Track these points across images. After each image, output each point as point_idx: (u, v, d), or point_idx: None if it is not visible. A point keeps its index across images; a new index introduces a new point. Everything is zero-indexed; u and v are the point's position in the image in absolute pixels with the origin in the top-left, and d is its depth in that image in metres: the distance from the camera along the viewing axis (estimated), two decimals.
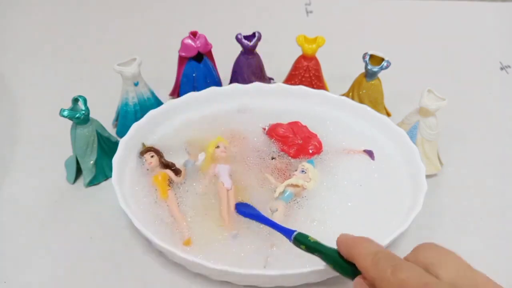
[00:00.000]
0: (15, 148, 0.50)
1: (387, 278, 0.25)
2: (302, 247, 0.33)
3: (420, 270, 0.25)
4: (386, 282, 0.25)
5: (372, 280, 0.27)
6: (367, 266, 0.27)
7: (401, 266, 0.26)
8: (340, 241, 0.30)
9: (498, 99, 0.60)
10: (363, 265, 0.28)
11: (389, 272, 0.25)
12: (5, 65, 0.63)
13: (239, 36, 0.51)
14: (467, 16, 0.77)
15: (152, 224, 0.39)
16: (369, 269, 0.27)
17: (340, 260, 0.30)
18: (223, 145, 0.44)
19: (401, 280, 0.25)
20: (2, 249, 0.40)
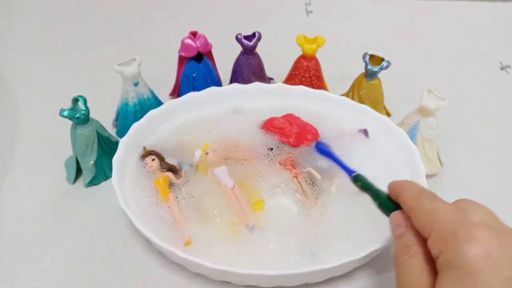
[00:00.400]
0: (15, 148, 0.50)
1: (424, 205, 0.28)
2: (358, 184, 0.37)
3: (454, 207, 0.28)
4: (422, 209, 0.28)
5: (409, 210, 0.29)
6: (409, 198, 0.30)
7: (439, 199, 0.28)
8: (391, 183, 0.33)
9: (498, 99, 0.60)
10: (406, 198, 0.30)
11: (427, 201, 0.28)
12: (5, 65, 0.63)
13: (239, 36, 0.51)
14: (467, 16, 0.77)
15: (152, 224, 0.39)
16: (410, 200, 0.29)
17: (386, 198, 0.33)
18: (211, 150, 0.44)
19: (436, 206, 0.27)
20: (2, 249, 0.40)
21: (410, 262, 0.27)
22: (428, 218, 0.27)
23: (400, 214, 0.30)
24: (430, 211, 0.27)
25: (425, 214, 0.27)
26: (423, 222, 0.27)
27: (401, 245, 0.29)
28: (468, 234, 0.24)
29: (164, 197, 0.40)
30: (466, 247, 0.24)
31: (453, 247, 0.24)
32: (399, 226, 0.30)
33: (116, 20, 0.74)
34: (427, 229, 0.27)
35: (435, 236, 0.26)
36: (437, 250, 0.26)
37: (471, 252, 0.24)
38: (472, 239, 0.24)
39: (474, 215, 0.27)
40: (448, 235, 0.25)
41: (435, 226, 0.26)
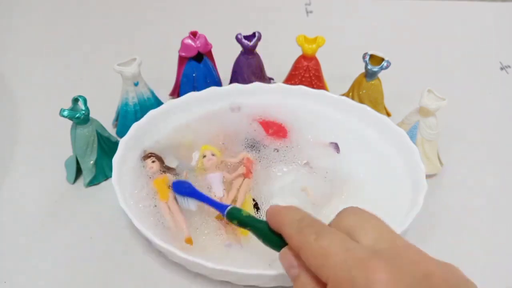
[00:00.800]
0: (15, 148, 0.50)
1: (311, 245, 0.25)
2: (234, 222, 0.33)
3: (342, 236, 0.25)
4: (309, 250, 0.25)
5: (296, 249, 0.27)
6: (292, 233, 0.27)
7: (323, 233, 0.26)
8: (268, 212, 0.30)
9: (498, 99, 0.60)
10: (288, 233, 0.27)
11: (312, 239, 0.25)
12: (5, 65, 0.63)
13: (239, 36, 0.51)
14: (467, 16, 0.77)
15: (152, 224, 0.39)
16: (293, 237, 0.27)
17: (269, 232, 0.30)
18: (209, 153, 0.43)
19: (323, 247, 0.25)
20: (2, 249, 0.40)
21: None
22: (319, 262, 0.25)
23: (289, 253, 0.28)
24: (319, 253, 0.25)
25: (314, 257, 0.25)
26: (315, 266, 0.25)
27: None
28: (367, 280, 0.22)
29: (163, 197, 0.40)
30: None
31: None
32: (292, 267, 0.27)
33: (116, 20, 0.74)
34: (323, 275, 0.24)
35: (333, 285, 0.24)
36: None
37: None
38: (373, 284, 0.22)
39: (365, 238, 0.25)
40: (346, 285, 0.23)
41: (330, 272, 0.24)
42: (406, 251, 0.25)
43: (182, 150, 0.45)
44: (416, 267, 0.23)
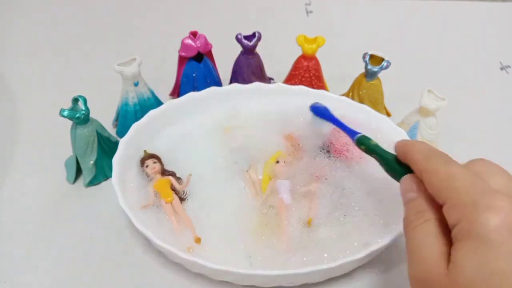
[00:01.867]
0: (15, 148, 0.50)
1: (438, 169, 0.26)
2: (362, 147, 0.35)
3: (472, 172, 0.26)
4: (435, 173, 0.26)
5: (421, 173, 0.27)
6: (420, 158, 0.28)
7: (453, 162, 0.26)
8: (398, 143, 0.31)
9: (498, 99, 0.60)
10: (417, 158, 0.28)
11: (441, 163, 0.26)
12: (5, 65, 0.63)
13: (239, 36, 0.51)
14: (467, 16, 0.77)
15: (152, 224, 0.39)
16: (421, 161, 0.28)
17: (394, 161, 0.31)
18: (282, 160, 0.43)
19: (452, 171, 0.25)
20: (2, 249, 0.40)
21: (423, 228, 0.26)
22: (443, 184, 0.25)
23: (411, 178, 0.29)
24: (445, 176, 0.25)
25: (439, 179, 0.26)
26: (438, 187, 0.26)
27: (413, 210, 0.27)
28: (488, 204, 0.23)
29: (167, 197, 0.40)
30: (486, 217, 0.22)
31: (471, 216, 0.23)
32: (410, 190, 0.28)
33: (116, 20, 0.74)
34: (443, 195, 0.25)
35: (452, 204, 0.24)
36: (454, 218, 0.24)
37: (491, 223, 0.22)
38: (493, 209, 0.22)
39: (493, 180, 0.25)
40: (466, 204, 0.23)
41: (452, 193, 0.25)
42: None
43: (181, 150, 0.45)
44: None
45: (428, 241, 0.25)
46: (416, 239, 0.26)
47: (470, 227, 0.23)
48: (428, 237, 0.25)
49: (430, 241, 0.25)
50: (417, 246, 0.25)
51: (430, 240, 0.25)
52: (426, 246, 0.25)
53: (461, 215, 0.24)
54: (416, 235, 0.26)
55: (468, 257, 0.23)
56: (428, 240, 0.25)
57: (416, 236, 0.26)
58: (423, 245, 0.25)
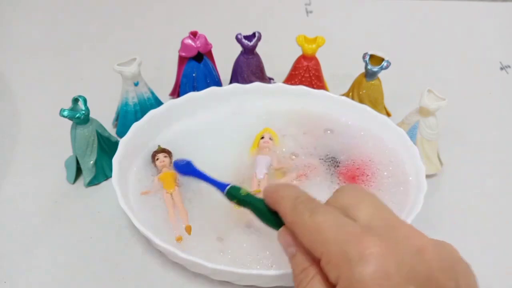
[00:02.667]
0: (15, 148, 0.50)
1: (305, 221, 0.25)
2: (234, 201, 0.33)
3: (337, 213, 0.25)
4: (303, 227, 0.25)
5: (291, 225, 0.26)
6: (286, 211, 0.27)
7: (318, 209, 0.25)
8: (265, 190, 0.30)
9: (498, 99, 0.60)
10: (284, 210, 0.27)
11: (306, 215, 0.25)
12: (5, 65, 0.63)
13: (239, 36, 0.51)
14: (467, 16, 0.77)
15: (152, 224, 0.39)
16: (288, 214, 0.27)
17: (267, 211, 0.30)
18: (268, 136, 0.45)
19: (318, 223, 0.25)
20: (2, 249, 0.40)
21: (311, 286, 0.25)
22: (313, 238, 0.25)
23: (286, 232, 0.27)
24: (313, 229, 0.25)
25: (308, 233, 0.25)
26: (309, 243, 0.25)
27: (297, 269, 0.26)
28: (359, 255, 0.22)
29: (169, 188, 0.41)
30: (359, 271, 0.22)
31: (347, 273, 0.22)
32: (288, 246, 0.27)
33: (116, 20, 0.74)
34: (316, 250, 0.24)
35: (326, 260, 0.24)
36: (332, 275, 0.23)
37: (366, 275, 0.21)
38: (365, 260, 0.22)
39: (359, 213, 0.25)
40: (339, 259, 0.23)
41: (323, 248, 0.24)
42: (400, 227, 0.25)
43: (181, 150, 0.45)
44: (410, 242, 0.23)
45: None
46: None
47: (349, 284, 0.22)
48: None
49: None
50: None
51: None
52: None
53: (338, 272, 0.23)
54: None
55: None
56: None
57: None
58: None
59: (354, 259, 0.22)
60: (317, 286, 0.24)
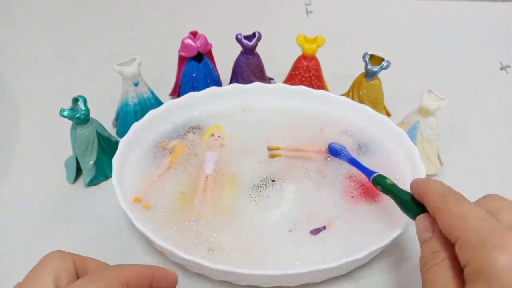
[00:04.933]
0: (15, 148, 0.50)
1: (450, 208, 0.27)
2: (378, 187, 0.37)
3: (483, 210, 0.26)
4: (447, 212, 0.27)
5: (434, 212, 0.28)
6: (434, 198, 0.29)
7: (465, 201, 0.27)
8: (414, 182, 0.32)
9: (498, 99, 0.60)
10: (431, 197, 0.29)
11: (453, 203, 0.27)
12: (5, 65, 0.63)
13: (239, 36, 0.51)
14: (467, 16, 0.77)
15: (153, 224, 0.39)
16: (435, 202, 0.28)
17: (410, 200, 0.32)
18: (217, 133, 0.46)
19: (463, 212, 0.26)
20: (2, 249, 0.40)
21: (437, 268, 0.26)
22: (455, 223, 0.26)
23: (426, 218, 0.29)
24: (457, 215, 0.26)
25: (451, 218, 0.26)
26: (449, 227, 0.26)
27: (428, 251, 0.28)
28: (497, 243, 0.23)
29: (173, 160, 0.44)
30: (495, 256, 0.23)
31: (481, 256, 0.23)
32: (425, 230, 0.29)
33: (116, 20, 0.74)
34: (454, 235, 0.26)
35: (462, 243, 0.25)
36: (464, 258, 0.24)
37: (501, 263, 0.22)
38: (502, 248, 0.23)
39: (503, 216, 0.26)
40: (476, 243, 0.24)
41: (462, 232, 0.25)
42: None
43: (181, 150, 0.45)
44: None
45: (442, 282, 0.25)
46: (431, 280, 0.26)
47: (480, 268, 0.23)
48: (442, 278, 0.25)
49: (444, 282, 0.25)
50: (432, 285, 0.26)
51: (444, 281, 0.25)
52: (440, 286, 0.25)
53: (471, 255, 0.24)
54: (430, 276, 0.26)
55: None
56: (442, 281, 0.25)
57: (430, 277, 0.26)
58: (438, 285, 0.25)
59: (491, 246, 0.23)
60: (443, 269, 0.26)
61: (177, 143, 0.46)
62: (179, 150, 0.45)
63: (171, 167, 0.43)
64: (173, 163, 0.44)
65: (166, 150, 0.45)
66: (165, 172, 0.43)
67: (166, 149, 0.45)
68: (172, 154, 0.44)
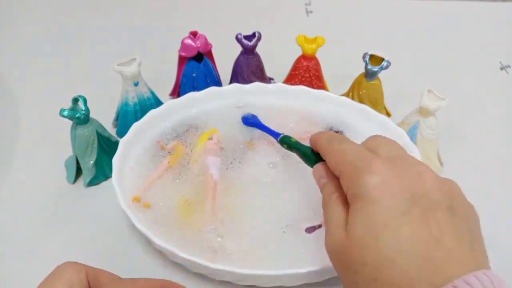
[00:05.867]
0: (15, 148, 0.50)
1: (333, 148, 0.30)
2: (284, 146, 0.40)
3: (361, 147, 0.30)
4: (332, 152, 0.30)
5: (324, 155, 0.32)
6: (323, 144, 0.32)
7: (347, 141, 0.31)
8: (312, 136, 0.35)
9: (498, 99, 0.60)
10: (320, 144, 0.33)
11: (336, 144, 0.31)
12: (5, 65, 0.63)
13: (239, 36, 0.51)
14: (467, 16, 0.77)
15: (153, 224, 0.39)
16: (323, 146, 0.32)
17: (310, 153, 0.35)
18: (216, 137, 0.46)
19: (343, 149, 0.30)
20: (2, 249, 0.40)
21: (332, 205, 0.29)
22: (337, 159, 0.29)
23: (321, 166, 0.32)
24: (339, 152, 0.30)
25: (335, 156, 0.30)
26: (334, 164, 0.30)
27: (326, 194, 0.30)
28: (367, 167, 0.26)
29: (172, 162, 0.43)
30: (366, 178, 0.26)
31: (356, 181, 0.27)
32: (321, 177, 0.32)
33: (116, 20, 0.74)
34: (337, 170, 0.29)
35: (343, 175, 0.28)
36: (345, 187, 0.28)
37: (370, 182, 0.26)
38: (370, 171, 0.26)
39: (381, 149, 0.29)
40: (352, 172, 0.27)
41: (342, 166, 0.29)
42: (409, 159, 0.28)
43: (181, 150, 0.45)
44: (414, 168, 0.27)
45: (336, 214, 0.28)
46: (329, 214, 0.29)
47: (356, 190, 0.26)
48: (336, 211, 0.28)
49: (337, 214, 0.28)
50: (329, 220, 0.28)
51: (337, 214, 0.28)
52: (333, 219, 0.28)
53: (349, 182, 0.27)
54: (328, 211, 0.29)
55: (357, 216, 0.26)
56: (336, 214, 0.28)
57: (328, 213, 0.29)
58: (332, 219, 0.28)
59: (362, 171, 0.27)
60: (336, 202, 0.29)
61: (176, 143, 0.45)
62: (178, 151, 0.45)
63: (171, 167, 0.43)
64: (172, 164, 0.43)
65: (165, 150, 0.45)
66: (164, 172, 0.43)
67: (165, 149, 0.45)
68: (171, 154, 0.44)
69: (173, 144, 0.45)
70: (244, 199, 0.41)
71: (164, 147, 0.45)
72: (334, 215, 0.28)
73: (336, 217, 0.28)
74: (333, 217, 0.28)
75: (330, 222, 0.28)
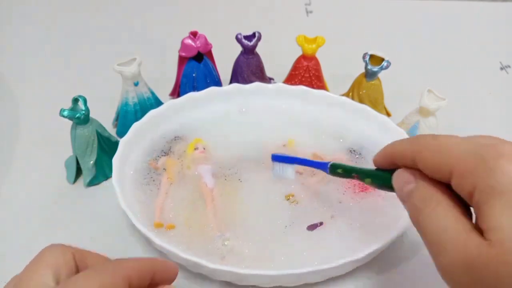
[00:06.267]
0: (15, 148, 0.50)
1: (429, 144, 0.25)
2: (339, 171, 0.35)
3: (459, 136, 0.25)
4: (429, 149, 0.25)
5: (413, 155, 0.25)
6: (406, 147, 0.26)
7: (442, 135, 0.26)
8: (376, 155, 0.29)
9: (498, 99, 0.60)
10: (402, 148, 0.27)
11: (429, 139, 0.25)
12: (5, 65, 0.63)
13: (239, 36, 0.51)
14: (467, 16, 0.77)
15: (153, 224, 0.39)
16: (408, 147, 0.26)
17: (378, 171, 0.30)
18: (201, 146, 0.45)
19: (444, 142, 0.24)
20: (2, 249, 0.40)
21: (437, 211, 0.23)
22: (441, 155, 0.23)
23: (404, 170, 0.26)
24: (440, 148, 0.24)
25: (439, 152, 0.24)
26: (438, 161, 0.24)
27: (417, 200, 0.25)
28: (497, 153, 0.21)
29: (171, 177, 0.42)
30: (501, 164, 0.21)
31: (487, 172, 0.21)
32: (407, 182, 0.26)
33: (116, 20, 0.74)
34: (446, 168, 0.23)
35: (460, 172, 0.22)
36: (468, 185, 0.22)
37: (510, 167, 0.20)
38: (505, 155, 0.21)
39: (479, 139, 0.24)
40: (475, 164, 0.22)
41: (455, 161, 0.23)
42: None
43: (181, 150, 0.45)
44: None
45: (448, 222, 0.22)
46: (433, 225, 0.23)
47: (491, 183, 0.21)
48: (446, 218, 0.22)
49: (451, 221, 0.22)
50: (437, 233, 0.22)
51: (450, 220, 0.22)
52: (447, 228, 0.22)
53: (475, 177, 0.21)
54: (431, 222, 0.23)
55: (506, 213, 0.20)
56: (447, 221, 0.22)
57: (432, 223, 0.23)
58: (444, 228, 0.22)
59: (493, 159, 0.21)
60: (443, 211, 0.23)
61: (165, 159, 0.44)
62: (171, 165, 0.44)
63: (172, 183, 0.42)
64: (171, 179, 0.43)
65: (158, 170, 0.43)
66: (169, 188, 0.42)
67: (158, 168, 0.44)
68: (166, 170, 0.43)
69: (163, 161, 0.44)
70: (244, 199, 0.41)
71: (156, 167, 0.44)
72: (448, 222, 0.22)
73: (452, 224, 0.22)
74: (447, 226, 0.22)
75: (443, 233, 0.22)
